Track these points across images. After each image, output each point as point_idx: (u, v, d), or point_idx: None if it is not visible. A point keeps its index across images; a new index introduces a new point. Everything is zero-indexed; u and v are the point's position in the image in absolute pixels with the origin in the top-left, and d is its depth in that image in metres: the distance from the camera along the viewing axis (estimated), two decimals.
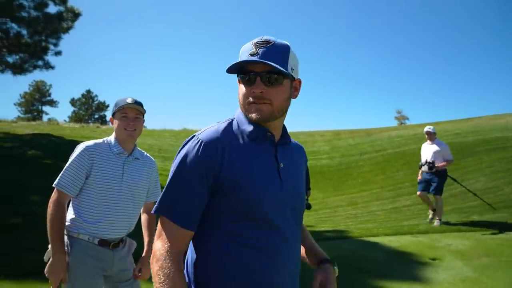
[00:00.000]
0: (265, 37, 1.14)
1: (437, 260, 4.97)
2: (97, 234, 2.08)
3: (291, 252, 1.18)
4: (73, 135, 15.66)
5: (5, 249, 4.88)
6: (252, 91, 1.12)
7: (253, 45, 1.13)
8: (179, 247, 1.10)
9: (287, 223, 1.17)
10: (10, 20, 12.80)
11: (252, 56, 1.11)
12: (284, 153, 1.23)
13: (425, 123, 24.97)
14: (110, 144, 2.19)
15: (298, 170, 1.29)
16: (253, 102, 1.12)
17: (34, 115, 48.75)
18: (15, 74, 13.93)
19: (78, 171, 2.06)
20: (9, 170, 9.07)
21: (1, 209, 6.49)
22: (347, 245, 5.88)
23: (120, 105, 2.18)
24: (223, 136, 1.14)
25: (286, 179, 1.18)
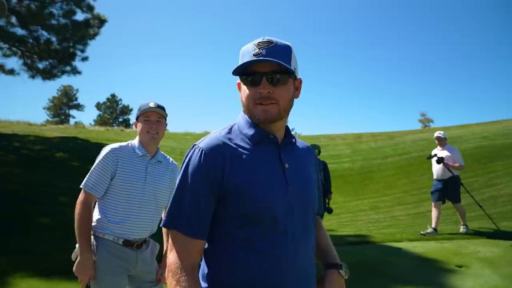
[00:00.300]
0: (267, 38, 1.12)
1: (464, 268, 4.81)
2: (122, 234, 2.13)
3: (301, 254, 1.15)
4: (99, 138, 16.11)
5: (34, 248, 5.07)
6: (259, 92, 1.10)
7: (256, 46, 1.11)
8: (193, 258, 1.10)
9: (296, 225, 1.14)
10: (41, 27, 13.34)
11: (256, 56, 1.09)
12: (289, 154, 1.21)
13: (450, 126, 24.30)
14: (134, 146, 2.25)
15: (306, 170, 1.25)
16: (259, 103, 1.11)
17: (61, 118, 50.50)
18: (45, 79, 14.50)
19: (104, 173, 2.13)
20: (38, 172, 9.42)
21: (31, 209, 6.75)
22: (369, 250, 5.78)
23: (143, 109, 2.23)
24: (224, 143, 1.13)
25: (293, 180, 1.16)
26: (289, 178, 1.15)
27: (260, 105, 1.11)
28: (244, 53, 1.14)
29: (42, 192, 7.92)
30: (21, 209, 6.65)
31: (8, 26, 12.98)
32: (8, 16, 12.82)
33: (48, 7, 13.03)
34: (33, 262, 4.55)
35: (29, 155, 11.31)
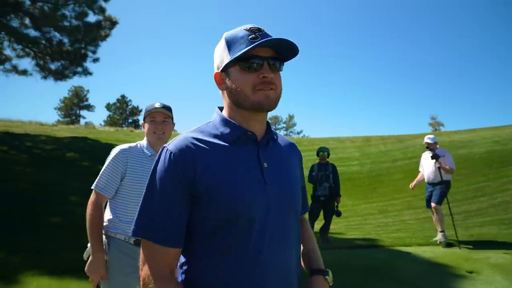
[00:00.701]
0: (252, 25, 1.09)
1: (475, 273, 4.74)
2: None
3: (281, 257, 1.09)
4: (109, 138, 16.28)
5: (44, 247, 5.13)
6: (261, 76, 1.04)
7: (249, 31, 1.07)
8: (169, 267, 1.03)
9: (275, 226, 1.08)
10: (53, 29, 13.55)
11: (256, 40, 1.04)
12: (269, 152, 1.15)
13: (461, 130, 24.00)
14: (143, 147, 2.28)
15: (288, 169, 1.18)
16: (260, 89, 1.05)
17: (72, 119, 51.14)
18: (57, 80, 14.70)
19: (113, 174, 2.16)
20: (49, 171, 9.55)
21: (41, 209, 6.84)
22: (378, 254, 5.74)
23: (149, 109, 2.27)
24: (194, 143, 1.06)
25: (272, 180, 1.09)
26: (267, 178, 1.09)
27: (261, 90, 1.05)
28: (236, 39, 1.07)
29: (53, 191, 8.03)
30: (32, 208, 6.74)
31: (21, 28, 13.20)
32: (22, 18, 13.06)
33: (60, 9, 13.22)
34: (44, 261, 4.60)
35: (40, 155, 11.47)
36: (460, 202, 10.69)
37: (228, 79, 1.10)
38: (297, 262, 1.19)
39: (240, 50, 1.04)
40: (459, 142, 18.13)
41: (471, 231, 7.50)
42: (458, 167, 7.05)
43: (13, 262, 4.58)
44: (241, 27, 1.10)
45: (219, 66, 1.12)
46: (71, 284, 3.96)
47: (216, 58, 1.14)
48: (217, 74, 1.13)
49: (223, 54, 1.10)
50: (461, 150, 16.54)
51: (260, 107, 1.07)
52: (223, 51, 1.10)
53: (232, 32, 1.10)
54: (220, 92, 1.16)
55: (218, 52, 1.13)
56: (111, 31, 14.57)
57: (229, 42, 1.09)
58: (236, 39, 1.07)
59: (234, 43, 1.07)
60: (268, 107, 1.07)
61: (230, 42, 1.08)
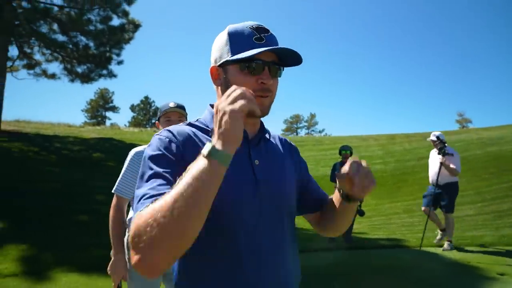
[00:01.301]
0: (258, 23, 1.04)
1: (506, 276, 4.56)
2: None
3: (276, 256, 1.04)
4: (133, 138, 16.66)
5: (72, 244, 5.31)
6: (260, 82, 0.99)
7: (254, 30, 1.02)
8: None
9: (269, 224, 1.03)
10: (80, 33, 13.99)
11: (260, 42, 1.00)
12: (262, 150, 1.10)
13: (490, 127, 23.13)
14: None
15: (282, 166, 1.14)
16: (259, 95, 0.99)
17: (98, 120, 52.68)
18: (83, 83, 15.19)
19: (131, 176, 2.21)
20: (77, 171, 9.87)
21: (69, 207, 7.08)
22: (403, 255, 5.62)
23: (164, 109, 2.28)
24: (184, 132, 1.03)
25: (263, 177, 1.05)
26: (259, 175, 1.04)
27: (259, 97, 0.99)
28: (240, 36, 1.02)
29: (80, 190, 8.29)
30: (61, 206, 6.99)
31: (50, 33, 13.71)
32: (50, 23, 13.55)
33: (86, 14, 13.66)
34: (72, 258, 4.77)
35: (68, 155, 11.88)
36: (490, 201, 10.30)
37: (225, 76, 1.05)
38: (294, 263, 1.13)
39: (243, 51, 1.00)
40: (489, 139, 17.47)
41: (502, 231, 7.22)
42: (487, 165, 6.80)
43: (44, 259, 4.76)
44: (246, 23, 1.04)
45: (217, 61, 1.06)
46: (99, 281, 4.08)
47: (215, 51, 1.08)
48: (214, 68, 1.08)
49: (224, 49, 1.04)
50: (490, 148, 15.93)
51: (253, 114, 0.99)
52: (224, 46, 1.04)
53: (236, 27, 1.04)
54: (214, 87, 1.11)
55: (218, 45, 1.07)
56: (134, 34, 14.91)
57: (231, 38, 1.03)
58: (240, 36, 1.02)
59: (237, 40, 1.02)
60: (261, 115, 1.03)
61: (233, 38, 1.03)
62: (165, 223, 0.75)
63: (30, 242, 5.15)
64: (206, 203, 0.79)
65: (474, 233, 7.20)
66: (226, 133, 0.79)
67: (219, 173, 0.79)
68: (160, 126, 2.33)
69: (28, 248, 4.98)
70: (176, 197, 0.76)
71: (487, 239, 6.39)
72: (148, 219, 0.77)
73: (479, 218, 8.83)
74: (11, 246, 4.95)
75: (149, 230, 0.76)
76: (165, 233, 0.75)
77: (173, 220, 0.75)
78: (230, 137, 0.79)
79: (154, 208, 0.78)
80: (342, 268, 4.89)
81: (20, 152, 11.00)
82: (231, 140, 0.79)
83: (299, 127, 66.45)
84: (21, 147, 11.54)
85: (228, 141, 0.79)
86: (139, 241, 0.77)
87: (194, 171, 0.78)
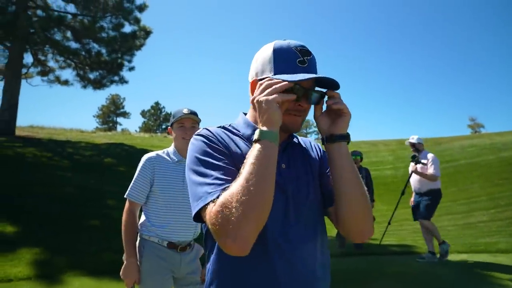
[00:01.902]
0: (302, 44, 1.09)
1: None
2: (165, 237, 2.23)
3: (301, 258, 1.05)
4: (144, 144, 16.82)
5: (85, 248, 5.38)
6: (297, 104, 1.06)
7: (299, 53, 1.06)
8: None
9: (294, 228, 1.06)
10: (92, 40, 14.25)
11: (303, 66, 1.05)
12: (289, 154, 1.15)
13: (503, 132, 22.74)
14: (170, 153, 2.36)
15: (309, 170, 1.17)
16: (291, 114, 1.07)
17: (110, 125, 53.34)
18: (95, 89, 15.43)
19: (143, 181, 2.25)
20: (89, 176, 10.00)
21: (82, 212, 7.17)
22: (414, 261, 5.55)
23: (177, 116, 2.32)
24: (220, 132, 1.11)
25: (290, 181, 1.09)
26: (286, 179, 1.08)
27: (294, 116, 1.08)
28: (284, 55, 1.06)
29: (92, 195, 8.40)
30: (73, 211, 7.09)
31: (63, 40, 13.99)
32: (64, 31, 13.84)
33: (98, 21, 13.91)
34: (84, 262, 4.83)
35: (80, 161, 12.04)
36: (504, 207, 10.11)
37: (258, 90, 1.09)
38: (323, 262, 1.14)
39: (286, 72, 1.04)
40: (502, 144, 17.17)
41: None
42: (500, 170, 6.67)
43: (57, 262, 4.84)
44: (291, 42, 1.08)
45: (258, 74, 1.10)
46: (110, 285, 4.12)
47: (257, 65, 1.11)
48: (255, 81, 1.11)
49: (267, 66, 1.08)
50: (504, 153, 15.65)
51: (286, 130, 1.10)
52: (267, 62, 1.08)
53: (281, 44, 1.08)
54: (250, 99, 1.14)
55: (261, 59, 1.10)
56: (145, 40, 15.12)
57: (276, 56, 1.06)
58: (284, 55, 1.06)
59: (281, 59, 1.06)
60: (293, 131, 1.12)
61: (278, 57, 1.06)
62: (247, 200, 0.88)
63: (43, 246, 5.24)
64: (271, 174, 0.93)
65: (488, 239, 7.07)
66: (267, 119, 0.96)
67: (273, 148, 0.95)
68: (172, 132, 2.37)
69: (41, 252, 5.06)
70: (247, 177, 0.90)
71: (501, 246, 6.27)
72: (230, 202, 0.89)
73: (493, 225, 8.67)
74: (25, 249, 5.03)
75: (235, 211, 0.87)
76: (249, 207, 0.88)
77: (252, 195, 0.88)
78: (271, 121, 0.96)
79: (231, 192, 0.90)
80: (353, 275, 4.85)
81: (33, 157, 11.21)
82: (272, 123, 0.96)
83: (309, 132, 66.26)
84: (34, 152, 11.75)
85: (270, 124, 0.96)
86: (227, 224, 0.88)
87: (253, 153, 0.93)
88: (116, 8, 13.85)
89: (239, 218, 0.87)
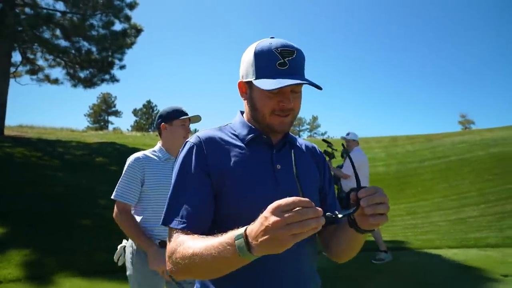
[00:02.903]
0: (286, 42, 1.06)
1: (510, 277, 4.53)
2: (157, 235, 2.21)
3: (294, 261, 1.06)
4: (135, 143, 16.70)
5: (76, 248, 5.33)
6: (281, 104, 1.06)
7: (279, 54, 1.04)
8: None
9: None
10: (82, 38, 14.08)
11: (283, 68, 1.03)
12: (285, 155, 1.14)
13: (494, 128, 23.04)
14: (156, 152, 2.34)
15: (305, 173, 1.15)
16: (278, 114, 1.07)
17: (101, 124, 52.83)
18: (86, 88, 15.26)
19: (131, 181, 2.21)
20: (80, 176, 9.90)
21: (73, 212, 7.10)
22: (406, 257, 5.59)
23: (181, 115, 2.30)
24: (213, 138, 1.11)
25: (285, 182, 1.08)
26: (280, 180, 1.08)
27: (278, 116, 1.07)
28: (264, 57, 1.05)
29: (83, 195, 8.32)
30: (64, 211, 7.01)
31: (53, 39, 13.80)
32: (53, 29, 13.65)
33: (88, 19, 13.75)
34: (76, 262, 4.78)
35: (71, 160, 11.91)
36: (494, 202, 10.25)
37: (250, 92, 1.11)
38: (313, 268, 1.15)
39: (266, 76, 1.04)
40: (492, 140, 17.39)
41: (506, 233, 7.18)
42: (490, 166, 6.75)
43: (47, 263, 4.78)
44: (273, 42, 1.06)
45: (244, 77, 1.12)
46: (102, 285, 4.09)
47: (242, 67, 1.13)
48: (241, 83, 1.14)
49: (249, 69, 1.09)
50: (493, 149, 15.86)
51: (274, 130, 1.11)
52: (250, 65, 1.09)
53: (262, 46, 1.07)
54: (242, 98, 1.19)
55: (245, 62, 1.11)
56: (136, 38, 14.99)
57: (257, 60, 1.06)
58: (264, 58, 1.05)
59: (261, 63, 1.05)
60: (281, 131, 1.11)
61: (258, 60, 1.06)
62: (187, 267, 0.93)
63: (33, 247, 5.17)
64: (225, 272, 0.91)
65: (478, 234, 7.16)
66: (268, 251, 0.78)
67: (243, 263, 0.86)
68: (166, 128, 2.33)
69: (31, 253, 5.00)
70: (200, 257, 0.89)
71: (490, 241, 6.36)
72: (178, 254, 0.95)
73: (483, 220, 8.78)
74: (14, 251, 4.97)
75: (177, 262, 0.96)
76: (189, 272, 0.95)
77: (196, 270, 0.93)
78: (270, 252, 0.78)
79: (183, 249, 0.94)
80: (345, 270, 4.87)
81: (23, 157, 11.06)
82: (268, 252, 0.78)
83: (302, 130, 66.44)
84: (24, 152, 11.60)
85: (265, 253, 0.79)
86: (172, 263, 0.98)
87: (222, 251, 0.84)
88: (106, 5, 13.70)
89: (177, 268, 0.96)
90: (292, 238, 0.73)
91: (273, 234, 0.74)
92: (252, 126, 1.14)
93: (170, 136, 2.32)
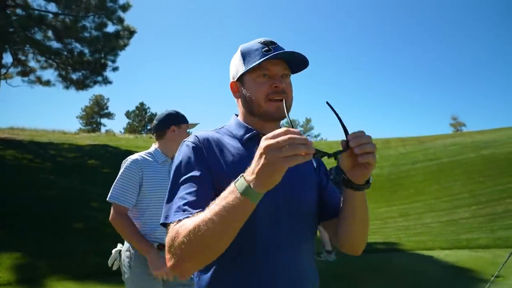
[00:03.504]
0: (266, 38, 1.16)
1: (501, 278, 4.59)
2: (156, 238, 2.20)
3: (292, 259, 1.06)
4: (128, 145, 16.60)
5: (68, 251, 5.28)
6: (274, 86, 1.09)
7: (263, 44, 1.13)
8: None
9: (283, 230, 1.06)
10: (74, 40, 13.97)
11: (269, 52, 1.10)
12: None
13: (485, 130, 23.33)
14: (153, 155, 2.33)
15: (303, 171, 1.17)
16: (271, 99, 1.10)
17: (93, 127, 52.39)
18: (78, 90, 15.12)
19: (129, 183, 2.19)
20: (72, 178, 9.82)
21: (65, 215, 7.03)
22: (399, 259, 5.64)
23: (190, 122, 2.39)
24: (209, 137, 1.13)
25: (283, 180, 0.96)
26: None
27: (273, 101, 1.10)
28: (251, 51, 1.14)
29: (76, 198, 8.24)
30: (56, 214, 6.94)
31: (45, 40, 13.67)
32: (45, 31, 13.53)
33: (81, 21, 13.65)
34: (68, 265, 4.73)
35: (63, 163, 11.80)
36: (485, 204, 10.38)
37: (242, 88, 1.15)
38: (311, 268, 1.15)
39: (254, 62, 1.10)
40: (483, 143, 17.61)
41: (497, 234, 7.27)
42: (482, 168, 6.85)
43: (39, 267, 4.73)
44: (256, 40, 1.16)
45: (235, 76, 1.18)
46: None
47: (232, 69, 1.20)
48: (233, 83, 1.19)
49: (239, 65, 1.16)
50: (484, 151, 16.06)
51: (271, 117, 1.12)
52: (238, 62, 1.16)
53: (247, 45, 1.17)
54: (235, 101, 1.22)
55: (234, 63, 1.19)
56: (129, 40, 14.90)
57: (244, 54, 1.15)
58: (251, 51, 1.14)
59: (248, 55, 1.14)
60: (278, 117, 1.13)
61: (245, 54, 1.14)
62: (195, 243, 0.86)
63: (25, 250, 5.11)
64: (233, 232, 0.87)
65: (469, 235, 7.24)
66: (266, 180, 0.79)
67: (250, 209, 0.84)
68: (175, 130, 2.34)
69: (23, 256, 4.94)
70: (206, 222, 0.84)
71: (482, 242, 6.43)
72: (179, 236, 0.89)
73: (474, 221, 8.89)
74: (5, 254, 4.90)
75: (179, 245, 0.88)
76: (193, 250, 0.88)
77: (202, 242, 0.86)
78: (268, 183, 0.80)
79: (185, 227, 0.89)
80: (339, 271, 4.90)
81: (14, 159, 10.93)
82: (268, 185, 0.80)
83: None
84: (15, 154, 11.47)
85: (265, 186, 0.80)
86: (174, 252, 0.91)
87: (226, 203, 0.83)
88: (98, 7, 13.61)
89: (181, 254, 0.89)
90: (285, 160, 0.75)
91: (266, 159, 0.77)
92: (248, 126, 1.16)
93: (176, 138, 2.32)
